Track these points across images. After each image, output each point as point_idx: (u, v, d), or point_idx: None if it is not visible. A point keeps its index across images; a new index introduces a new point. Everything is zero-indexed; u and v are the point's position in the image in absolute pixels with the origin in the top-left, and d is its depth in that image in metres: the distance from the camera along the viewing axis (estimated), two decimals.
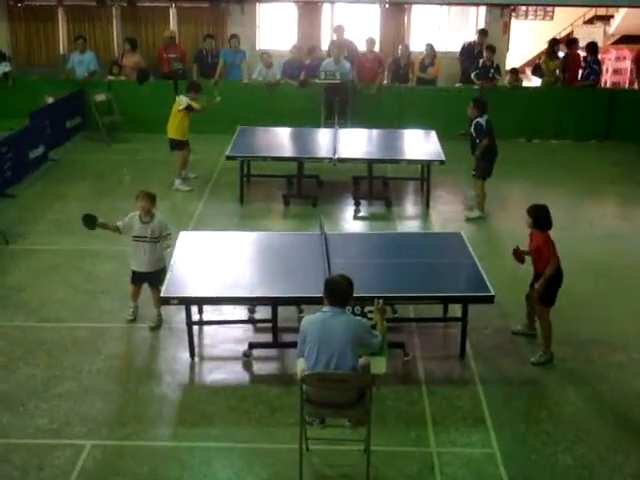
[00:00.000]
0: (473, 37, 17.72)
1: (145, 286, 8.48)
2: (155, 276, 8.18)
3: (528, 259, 7.97)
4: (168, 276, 7.81)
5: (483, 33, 16.98)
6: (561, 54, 17.08)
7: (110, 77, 16.34)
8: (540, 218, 7.78)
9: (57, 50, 18.63)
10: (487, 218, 11.91)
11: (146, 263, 8.22)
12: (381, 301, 6.49)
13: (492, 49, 16.20)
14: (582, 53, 16.93)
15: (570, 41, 17.03)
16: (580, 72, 16.45)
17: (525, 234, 8.08)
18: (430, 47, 16.36)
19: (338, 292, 6.09)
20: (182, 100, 12.77)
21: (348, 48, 16.26)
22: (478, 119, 11.68)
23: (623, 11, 21.36)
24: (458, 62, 17.30)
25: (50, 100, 15.13)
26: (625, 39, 22.39)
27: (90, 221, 8.30)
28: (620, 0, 18.63)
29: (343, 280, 6.12)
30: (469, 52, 16.98)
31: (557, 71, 16.58)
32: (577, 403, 7.27)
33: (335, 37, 16.88)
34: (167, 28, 17.98)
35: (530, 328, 8.34)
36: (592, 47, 16.34)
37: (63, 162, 14.28)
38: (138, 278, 8.37)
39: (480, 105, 11.79)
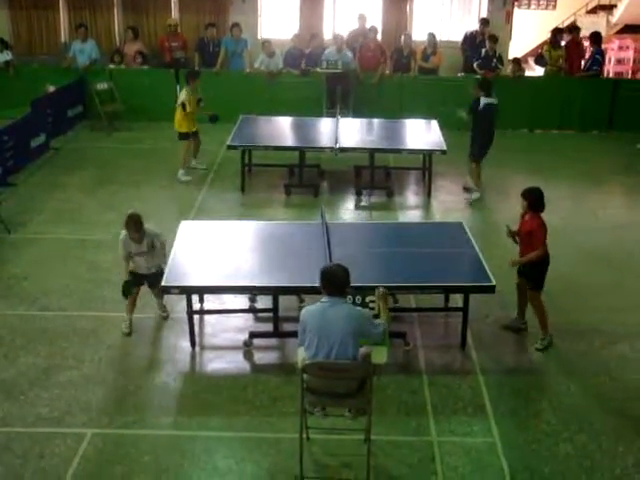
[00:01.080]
0: (475, 26, 17.66)
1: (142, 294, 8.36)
2: (155, 277, 8.03)
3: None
4: (169, 265, 7.81)
5: (485, 22, 16.93)
6: (563, 43, 17.01)
7: (112, 65, 16.30)
8: (535, 200, 7.80)
9: (58, 38, 18.62)
10: (489, 208, 11.90)
11: (146, 267, 8.12)
12: (382, 288, 6.48)
13: (494, 39, 16.14)
14: (585, 43, 16.88)
15: (571, 29, 16.92)
16: (583, 62, 16.38)
17: None
18: (432, 36, 16.30)
19: (335, 282, 6.05)
20: (181, 95, 12.77)
21: (367, 38, 16.18)
22: (481, 99, 11.86)
23: (626, 0, 21.28)
24: (460, 52, 17.25)
25: (51, 89, 15.10)
26: (628, 28, 22.30)
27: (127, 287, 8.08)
28: None
29: (339, 269, 6.09)
30: (471, 41, 16.95)
31: (560, 60, 16.52)
32: (578, 393, 7.27)
33: (358, 26, 16.72)
34: (169, 17, 17.95)
35: (520, 321, 8.32)
36: (596, 37, 16.26)
37: (64, 151, 14.27)
38: (138, 280, 8.16)
39: (483, 86, 11.97)
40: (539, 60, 17.22)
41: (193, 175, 13.01)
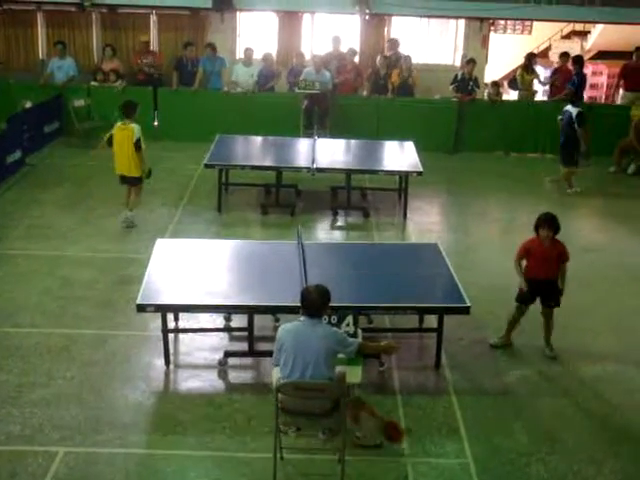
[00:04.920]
0: (458, 62, 17.85)
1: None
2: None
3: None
4: (144, 283, 7.78)
5: (471, 62, 16.73)
6: (539, 68, 17.22)
7: (94, 83, 16.26)
8: (558, 226, 8.11)
9: (36, 55, 18.53)
10: (464, 229, 11.99)
11: None
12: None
13: (473, 62, 16.28)
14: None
15: (562, 55, 17.16)
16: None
17: (502, 244, 8.16)
18: (407, 59, 16.37)
19: (309, 303, 6.17)
20: (134, 131, 11.13)
21: (342, 60, 16.31)
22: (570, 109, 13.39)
23: (599, 27, 21.58)
24: (435, 75, 17.43)
25: (28, 105, 15.05)
26: (602, 54, 22.60)
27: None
28: (595, 16, 18.82)
29: (315, 291, 6.18)
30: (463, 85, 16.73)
31: (533, 85, 16.73)
32: (551, 414, 7.31)
33: (332, 48, 16.81)
34: (147, 34, 17.98)
35: (507, 339, 8.43)
36: (577, 59, 16.54)
37: (40, 167, 14.21)
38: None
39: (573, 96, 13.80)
40: (512, 84, 17.44)
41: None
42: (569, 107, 13.64)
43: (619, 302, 9.69)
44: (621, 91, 16.88)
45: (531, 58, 16.92)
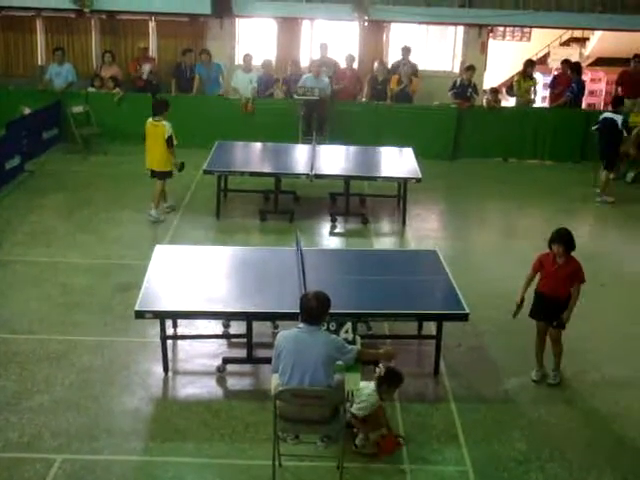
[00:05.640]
0: (457, 68, 17.87)
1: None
2: None
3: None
4: (142, 290, 7.77)
5: (470, 68, 16.77)
6: (538, 75, 17.24)
7: (91, 89, 16.28)
8: (570, 241, 7.65)
9: (35, 61, 18.57)
10: (463, 236, 11.98)
11: None
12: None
13: (472, 68, 16.31)
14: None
15: (563, 62, 17.22)
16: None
17: (501, 250, 8.15)
18: (407, 66, 16.39)
19: (306, 310, 6.16)
20: (166, 128, 11.70)
21: (330, 66, 16.34)
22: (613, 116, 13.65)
23: (598, 34, 21.62)
24: (435, 80, 17.44)
25: (27, 111, 15.04)
26: (600, 61, 22.64)
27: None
28: (593, 23, 18.87)
29: (313, 298, 6.17)
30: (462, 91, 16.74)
31: (530, 92, 16.75)
32: (550, 422, 7.30)
33: (319, 55, 16.88)
34: (147, 41, 18.01)
35: (543, 370, 8.10)
36: (575, 67, 16.63)
37: (39, 173, 14.20)
38: None
39: (612, 103, 13.97)
40: (510, 91, 17.48)
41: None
42: (610, 114, 13.85)
43: (617, 308, 9.68)
44: None
45: (529, 65, 16.93)
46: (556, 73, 17.44)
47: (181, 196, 13.16)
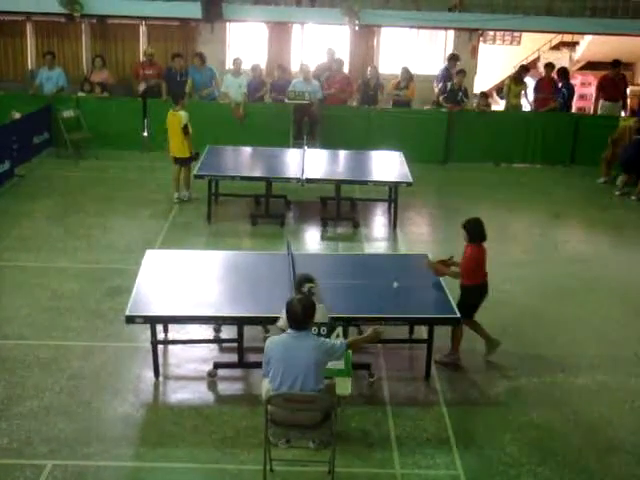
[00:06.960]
0: (444, 62, 17.87)
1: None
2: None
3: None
4: (133, 295, 7.76)
5: (454, 58, 16.99)
6: (528, 79, 17.29)
7: (81, 93, 16.24)
8: (472, 230, 8.02)
9: (25, 65, 18.57)
10: (454, 240, 11.96)
11: None
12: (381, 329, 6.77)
13: (463, 73, 16.35)
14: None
15: (546, 65, 17.25)
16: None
17: (492, 254, 8.16)
18: (405, 70, 16.41)
19: (292, 316, 6.15)
20: (182, 117, 12.66)
21: (335, 71, 16.36)
22: None
23: (588, 38, 21.71)
24: (425, 85, 17.44)
25: (17, 115, 14.98)
26: (590, 65, 22.74)
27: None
28: (583, 27, 18.96)
29: (298, 304, 6.14)
30: (445, 78, 16.91)
31: (521, 96, 16.80)
32: (541, 425, 7.30)
33: (326, 59, 16.83)
34: (137, 45, 18.00)
35: (490, 342, 8.40)
36: (563, 72, 16.67)
37: (29, 178, 14.17)
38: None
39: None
40: (500, 92, 17.53)
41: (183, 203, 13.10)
42: None
43: (606, 313, 9.70)
44: (601, 101, 16.97)
45: (522, 71, 16.98)
46: (538, 78, 17.41)
47: (172, 200, 13.12)
